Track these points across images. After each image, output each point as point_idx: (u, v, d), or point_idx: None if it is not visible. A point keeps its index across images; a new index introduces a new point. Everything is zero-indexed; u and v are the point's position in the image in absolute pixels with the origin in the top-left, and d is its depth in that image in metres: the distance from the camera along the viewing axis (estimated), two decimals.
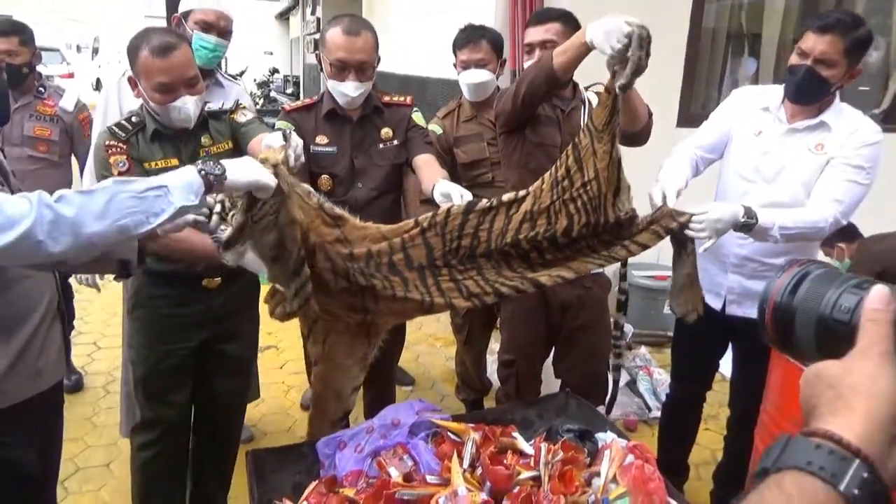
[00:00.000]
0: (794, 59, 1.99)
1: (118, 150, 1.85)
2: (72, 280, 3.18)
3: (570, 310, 2.32)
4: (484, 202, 1.75)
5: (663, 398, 2.85)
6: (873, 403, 0.47)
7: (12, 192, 1.49)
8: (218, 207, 1.49)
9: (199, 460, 2.24)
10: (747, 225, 1.83)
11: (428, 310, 1.73)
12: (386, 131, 2.27)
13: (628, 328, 3.58)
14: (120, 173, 1.82)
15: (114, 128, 1.90)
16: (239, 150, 1.98)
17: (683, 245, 1.83)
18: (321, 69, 2.89)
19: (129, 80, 1.89)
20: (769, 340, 0.62)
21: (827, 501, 0.44)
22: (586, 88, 2.31)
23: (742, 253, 2.14)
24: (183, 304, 1.99)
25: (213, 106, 2.03)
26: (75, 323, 3.67)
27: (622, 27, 1.64)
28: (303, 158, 1.59)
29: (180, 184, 1.25)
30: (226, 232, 1.45)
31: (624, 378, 3.22)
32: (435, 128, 2.72)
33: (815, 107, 2.03)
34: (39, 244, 1.13)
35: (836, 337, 0.52)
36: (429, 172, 2.08)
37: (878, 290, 0.51)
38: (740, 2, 4.40)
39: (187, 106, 1.83)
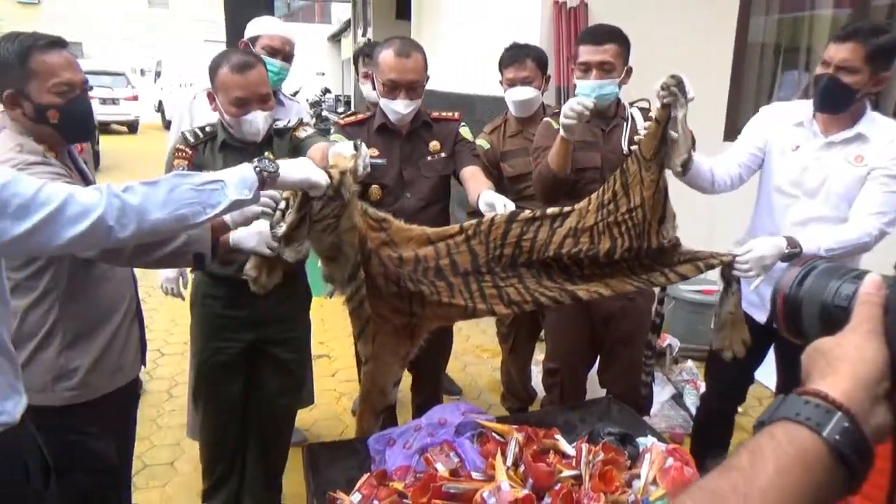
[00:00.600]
0: (818, 70, 2.02)
1: (183, 154, 2.03)
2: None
3: (613, 320, 2.37)
4: (527, 212, 1.82)
5: None
6: (858, 367, 0.54)
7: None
8: (283, 205, 1.58)
9: (249, 459, 2.37)
10: (792, 255, 1.84)
11: (470, 315, 1.82)
12: (434, 144, 2.37)
13: (675, 342, 3.59)
14: None
15: (187, 134, 2.09)
16: None
17: (729, 283, 1.87)
18: (370, 83, 3.03)
19: (208, 94, 2.06)
20: (781, 328, 0.69)
21: (811, 445, 0.51)
22: (631, 104, 2.36)
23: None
24: (232, 305, 2.12)
25: (279, 124, 2.19)
26: None
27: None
28: (369, 168, 1.69)
29: (236, 179, 1.36)
30: (282, 228, 1.55)
31: (669, 392, 3.23)
32: (482, 143, 2.82)
33: (848, 118, 2.04)
34: (110, 230, 1.23)
35: (836, 321, 0.59)
36: (475, 184, 2.17)
37: (872, 278, 0.59)
38: (788, 16, 4.38)
39: (258, 120, 1.99)
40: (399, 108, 2.24)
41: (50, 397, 1.65)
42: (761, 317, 2.22)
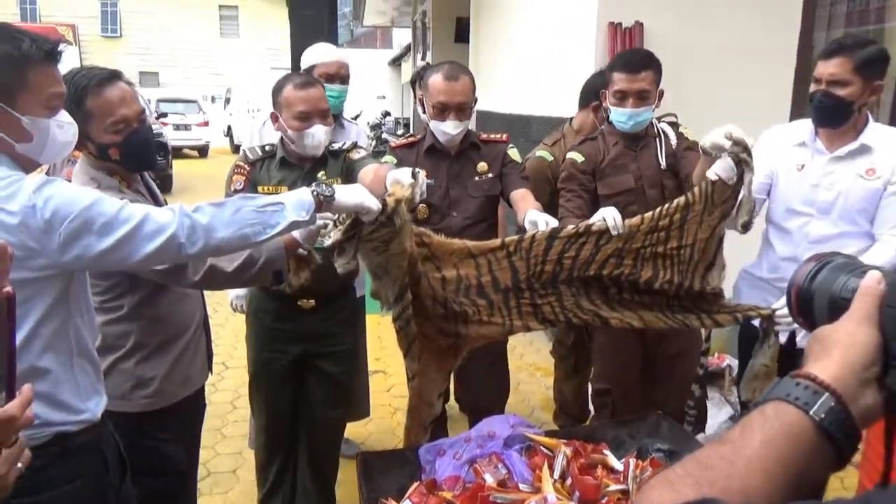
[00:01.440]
0: (811, 87, 2.04)
1: (242, 171, 2.19)
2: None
3: (666, 338, 2.36)
4: (570, 228, 1.84)
5: None
6: (848, 352, 0.58)
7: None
8: (341, 217, 1.66)
9: (301, 468, 2.46)
10: None
11: (507, 332, 1.86)
12: (482, 165, 2.43)
13: (734, 363, 3.50)
14: (235, 190, 2.12)
15: (247, 152, 2.24)
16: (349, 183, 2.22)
17: (767, 335, 1.85)
18: (423, 110, 3.12)
19: (272, 115, 2.21)
20: (795, 320, 0.73)
21: (798, 423, 0.54)
22: (659, 120, 2.37)
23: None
24: (280, 319, 2.25)
25: (335, 146, 2.30)
26: None
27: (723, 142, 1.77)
28: (425, 195, 1.76)
29: (294, 201, 1.46)
30: (328, 240, 1.63)
31: (727, 412, 3.16)
32: (545, 154, 2.85)
33: (851, 131, 2.03)
34: (181, 246, 1.34)
35: (841, 312, 0.62)
36: (524, 205, 2.21)
37: (872, 273, 0.62)
38: (854, 29, 4.27)
39: (319, 133, 2.12)
40: (448, 129, 2.32)
41: (128, 404, 1.78)
42: (780, 336, 2.18)
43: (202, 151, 17.15)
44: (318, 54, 2.86)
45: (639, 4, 3.81)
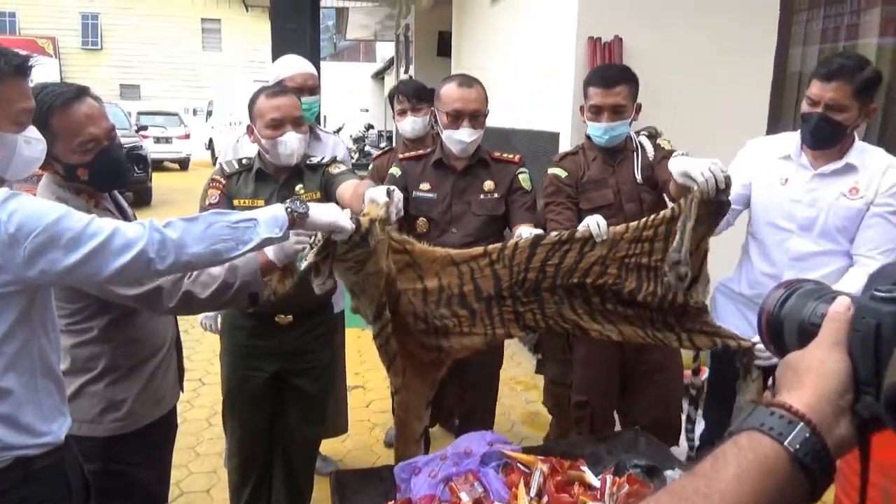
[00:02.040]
0: (805, 108, 2.01)
1: (217, 185, 2.15)
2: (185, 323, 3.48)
3: (644, 350, 2.35)
4: (553, 236, 1.83)
5: None
6: (821, 380, 0.57)
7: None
8: (316, 239, 1.63)
9: (275, 487, 2.40)
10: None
11: (490, 341, 1.85)
12: (489, 184, 2.38)
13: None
14: (210, 204, 2.09)
15: (223, 165, 2.21)
16: (328, 198, 2.19)
17: (749, 370, 1.85)
18: (435, 121, 3.04)
19: (248, 128, 2.19)
20: (766, 346, 0.72)
21: (772, 454, 0.53)
22: (638, 133, 2.38)
23: None
24: (257, 335, 2.20)
25: (314, 160, 2.27)
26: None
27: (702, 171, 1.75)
28: (402, 213, 1.74)
29: (267, 217, 1.43)
30: (302, 264, 1.62)
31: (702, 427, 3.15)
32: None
33: (836, 149, 2.03)
34: (150, 262, 1.31)
35: (811, 338, 0.61)
36: None
37: (841, 299, 0.61)
38: (829, 45, 4.34)
39: (292, 141, 2.09)
40: (464, 136, 2.30)
41: (97, 428, 1.72)
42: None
43: (183, 164, 17.05)
44: (285, 67, 2.82)
45: (618, 19, 3.84)
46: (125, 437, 1.75)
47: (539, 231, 1.90)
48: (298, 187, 2.18)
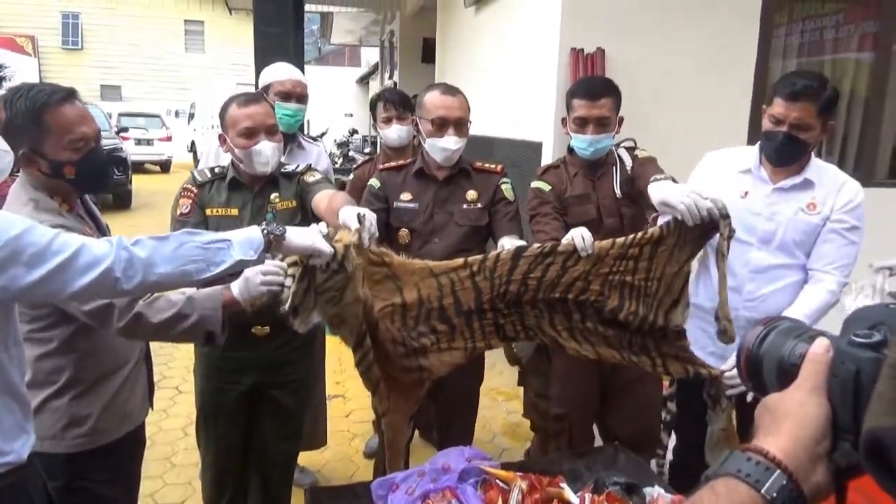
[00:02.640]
0: (767, 125, 2.05)
1: (189, 194, 2.10)
2: None
3: (622, 365, 2.34)
4: (535, 247, 1.80)
5: None
6: (798, 426, 0.56)
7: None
8: (288, 281, 1.57)
9: (251, 501, 2.36)
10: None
11: (470, 354, 1.83)
12: (472, 193, 2.35)
13: None
14: (181, 214, 2.05)
15: (195, 174, 2.16)
16: (303, 207, 2.17)
17: (717, 401, 1.86)
18: (417, 131, 3.00)
19: (220, 137, 2.14)
20: (745, 384, 0.71)
21: (749, 500, 0.53)
22: (617, 146, 2.38)
23: (754, 316, 2.13)
24: (233, 347, 2.11)
25: (289, 167, 2.24)
26: (159, 369, 3.93)
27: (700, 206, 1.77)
28: (376, 235, 1.71)
29: (242, 239, 1.40)
30: (287, 303, 1.55)
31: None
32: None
33: (795, 165, 2.08)
34: (116, 281, 1.27)
35: (790, 378, 0.61)
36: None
37: (821, 340, 0.61)
38: (809, 59, 4.39)
39: (266, 150, 2.06)
40: (449, 144, 2.28)
41: (59, 445, 1.67)
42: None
43: (164, 166, 16.89)
44: (274, 73, 2.81)
45: (601, 31, 3.85)
46: (89, 453, 1.71)
47: (522, 242, 1.89)
48: (274, 196, 2.15)
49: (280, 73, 2.81)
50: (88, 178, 1.65)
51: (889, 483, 0.50)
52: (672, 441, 2.31)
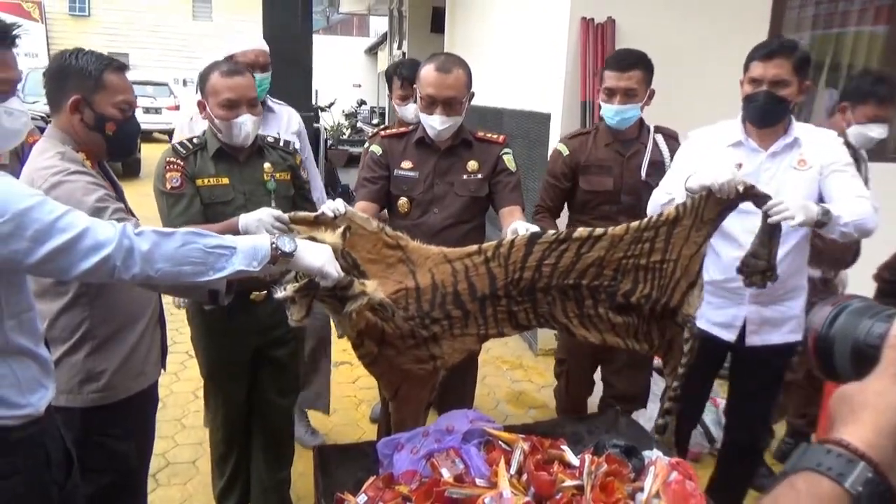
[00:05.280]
0: (747, 89, 2.10)
1: (175, 166, 2.08)
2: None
3: None
4: (550, 234, 1.78)
5: None
6: (881, 415, 0.53)
7: (125, 205, 1.75)
8: (290, 289, 1.53)
9: (255, 462, 2.44)
10: (821, 223, 1.87)
11: (482, 340, 1.85)
12: (472, 164, 2.32)
13: None
14: (172, 188, 2.05)
15: (176, 145, 2.14)
16: (296, 184, 2.27)
17: (669, 411, 1.89)
18: (414, 100, 3.03)
19: (199, 103, 2.14)
20: (815, 370, 0.67)
21: (832, 497, 0.50)
22: (657, 130, 2.41)
23: None
24: (233, 316, 2.13)
25: (269, 139, 2.28)
26: (171, 335, 3.99)
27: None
28: (348, 235, 1.68)
29: (247, 248, 1.38)
30: (279, 293, 1.53)
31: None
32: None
33: (780, 129, 2.12)
34: (114, 269, 1.27)
35: (869, 361, 0.57)
36: (510, 220, 2.15)
37: None
38: (821, 32, 4.34)
39: (247, 123, 2.07)
40: (435, 123, 2.23)
41: (76, 399, 1.72)
42: (730, 336, 2.24)
43: (172, 135, 16.83)
44: (236, 43, 2.76)
45: (611, 1, 3.82)
46: (104, 408, 1.76)
47: (535, 228, 1.87)
48: (267, 165, 2.17)
49: (242, 43, 2.76)
50: (123, 138, 1.76)
51: None
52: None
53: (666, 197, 2.10)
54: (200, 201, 2.07)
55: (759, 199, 1.82)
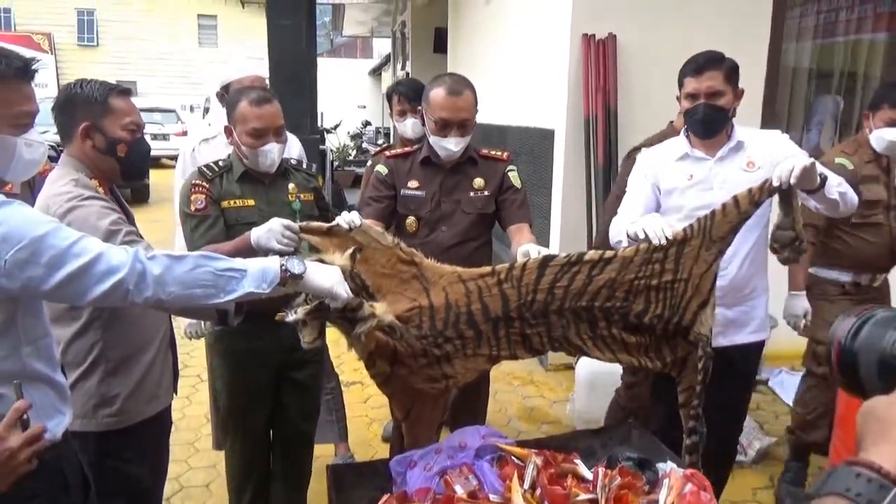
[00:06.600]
0: (685, 105, 2.18)
1: (201, 189, 2.11)
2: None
3: None
4: (561, 257, 1.79)
5: (742, 439, 2.84)
6: None
7: (134, 227, 1.77)
8: (301, 312, 1.55)
9: (274, 481, 2.42)
10: (823, 177, 1.89)
11: (494, 361, 1.85)
12: (478, 181, 2.34)
13: None
14: (196, 209, 2.08)
15: (203, 168, 2.17)
16: (320, 205, 2.29)
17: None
18: (407, 121, 3.08)
19: (226, 129, 2.17)
20: (839, 383, 0.65)
21: None
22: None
23: (721, 284, 2.09)
24: (257, 337, 2.15)
25: (293, 160, 2.33)
26: (182, 358, 4.00)
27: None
28: (358, 257, 1.70)
29: (257, 270, 1.40)
30: (289, 317, 1.55)
31: None
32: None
33: (723, 136, 2.19)
34: (127, 292, 1.29)
35: (895, 373, 0.55)
36: (519, 238, 2.16)
37: None
38: (822, 41, 4.36)
39: (273, 151, 2.11)
40: (450, 145, 2.25)
41: (90, 423, 1.74)
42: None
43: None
44: (233, 71, 2.78)
45: (612, 17, 3.85)
46: (118, 432, 1.77)
47: (546, 251, 1.88)
48: (291, 186, 2.20)
49: (239, 71, 2.78)
50: (135, 159, 1.80)
51: None
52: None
53: (624, 233, 2.01)
54: (225, 223, 2.10)
55: (770, 188, 1.83)
